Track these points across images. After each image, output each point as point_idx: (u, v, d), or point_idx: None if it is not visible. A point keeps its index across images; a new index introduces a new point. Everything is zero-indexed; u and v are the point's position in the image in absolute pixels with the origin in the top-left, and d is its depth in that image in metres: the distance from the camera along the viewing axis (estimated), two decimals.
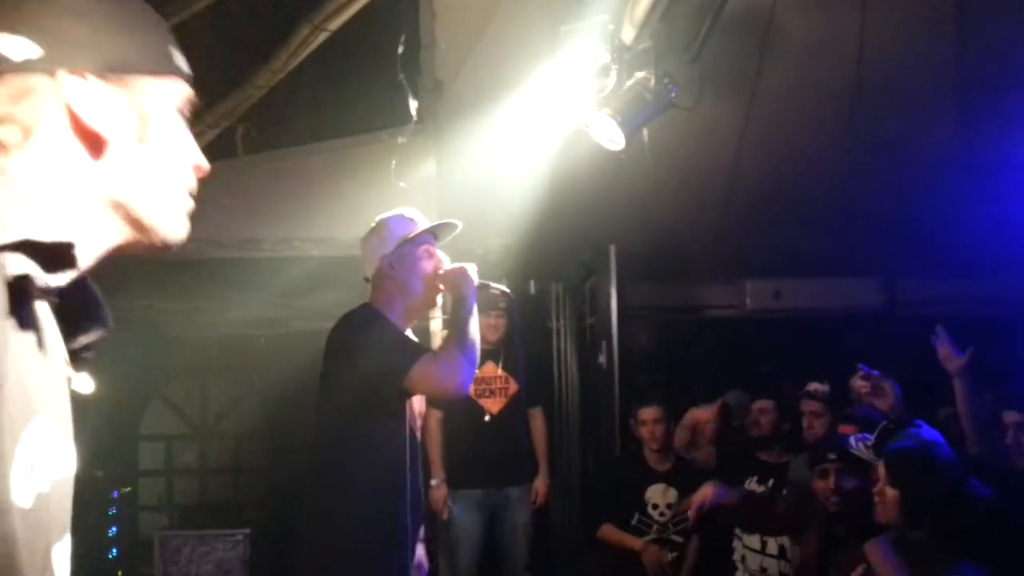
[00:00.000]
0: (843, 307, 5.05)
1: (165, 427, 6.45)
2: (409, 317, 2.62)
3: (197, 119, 1.02)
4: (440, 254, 2.63)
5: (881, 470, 2.75)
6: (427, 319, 3.37)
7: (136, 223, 0.97)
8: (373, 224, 2.70)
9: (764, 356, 5.03)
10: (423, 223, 2.66)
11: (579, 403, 5.36)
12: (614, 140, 3.15)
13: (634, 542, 4.40)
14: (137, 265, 4.54)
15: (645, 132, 3.19)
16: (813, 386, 4.05)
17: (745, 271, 4.98)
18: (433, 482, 4.55)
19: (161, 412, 6.46)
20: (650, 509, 4.49)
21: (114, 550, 5.77)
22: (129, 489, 6.10)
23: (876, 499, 2.73)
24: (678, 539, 4.45)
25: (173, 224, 0.99)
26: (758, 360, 5.01)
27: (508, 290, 2.82)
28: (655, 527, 4.47)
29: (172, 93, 0.99)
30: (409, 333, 2.65)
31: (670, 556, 4.41)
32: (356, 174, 4.25)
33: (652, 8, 2.79)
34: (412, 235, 2.61)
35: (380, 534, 2.47)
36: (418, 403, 2.67)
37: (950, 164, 3.91)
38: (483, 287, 2.62)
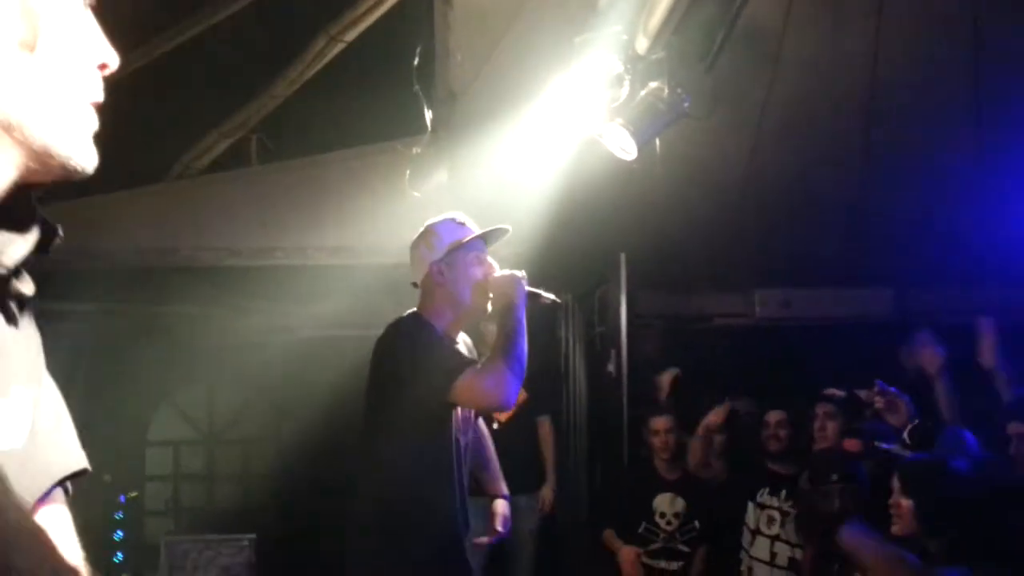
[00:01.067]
0: (854, 316, 5.06)
1: (173, 433, 6.48)
2: (458, 324, 2.60)
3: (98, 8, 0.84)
4: (490, 260, 2.60)
5: (895, 482, 2.76)
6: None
7: (28, 148, 0.79)
8: (422, 229, 2.66)
9: (774, 365, 5.04)
10: (473, 228, 2.62)
11: (587, 412, 5.37)
12: (626, 150, 3.18)
13: (616, 545, 4.41)
14: (150, 273, 4.58)
15: (657, 142, 3.22)
16: (830, 391, 4.07)
17: (755, 280, 5.00)
18: None
19: (170, 418, 6.48)
20: (657, 518, 4.50)
21: (120, 554, 5.78)
22: (136, 494, 6.11)
23: (892, 511, 2.73)
24: (684, 548, 4.45)
25: (74, 147, 0.82)
26: (768, 369, 5.02)
27: (558, 299, 2.75)
28: (662, 536, 4.48)
29: None
30: (462, 335, 2.64)
31: (675, 566, 4.42)
32: (370, 184, 4.29)
33: (666, 19, 2.82)
34: (462, 241, 2.57)
35: (428, 542, 2.46)
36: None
37: (964, 174, 3.93)
38: (533, 295, 2.59)
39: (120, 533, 5.82)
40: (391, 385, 2.44)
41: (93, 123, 0.84)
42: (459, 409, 2.51)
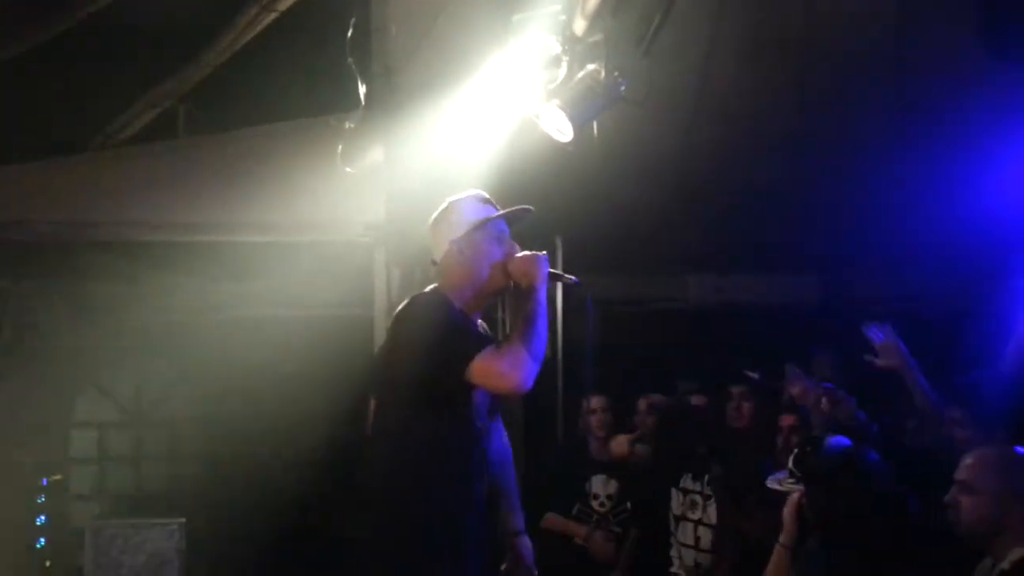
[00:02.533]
0: (783, 302, 5.17)
1: (99, 414, 6.30)
2: (477, 303, 2.55)
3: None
4: (511, 241, 2.54)
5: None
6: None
7: None
8: (444, 205, 2.60)
9: (706, 349, 5.12)
10: (495, 207, 2.57)
11: (523, 395, 5.38)
12: (563, 132, 3.17)
13: (579, 530, 4.45)
14: (74, 248, 4.42)
15: (594, 125, 3.21)
16: (747, 373, 4.15)
17: (689, 265, 5.06)
18: None
19: (94, 398, 6.30)
20: (591, 499, 4.54)
21: (42, 539, 5.61)
22: (60, 477, 5.93)
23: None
24: (617, 529, 4.51)
25: None
26: (699, 354, 5.10)
27: (579, 280, 2.69)
28: (595, 517, 4.52)
29: None
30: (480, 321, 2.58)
31: (608, 547, 4.47)
32: (302, 159, 4.18)
33: (603, 1, 2.81)
34: (483, 220, 2.52)
35: (444, 526, 2.41)
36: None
37: (892, 161, 4.02)
38: (555, 277, 2.55)
39: (43, 518, 5.64)
40: (407, 361, 2.38)
41: None
42: (478, 394, 2.45)
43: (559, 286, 4.61)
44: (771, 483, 2.91)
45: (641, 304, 5.20)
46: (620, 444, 4.53)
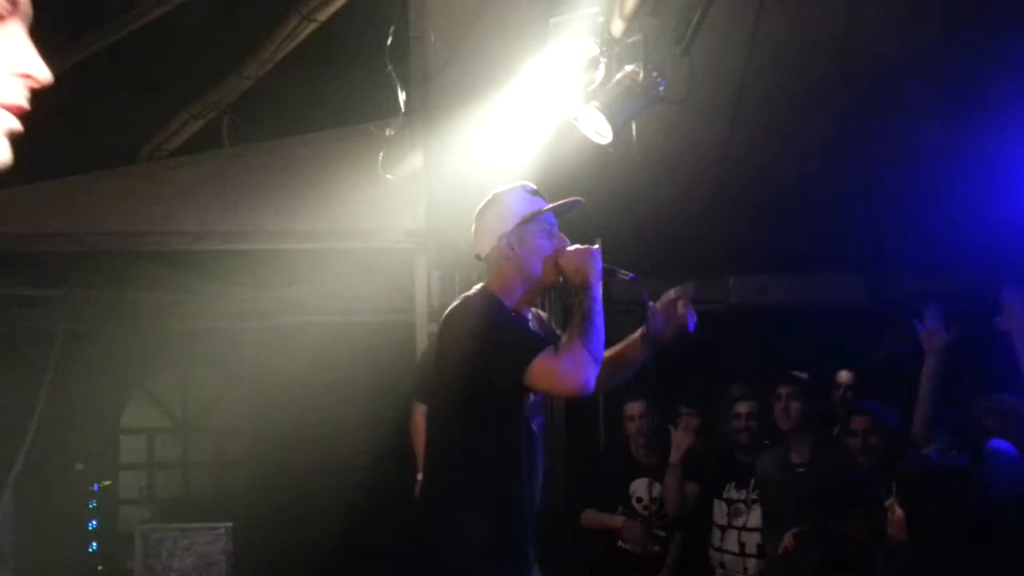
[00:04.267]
0: (827, 302, 5.09)
1: (147, 421, 6.41)
2: (528, 300, 2.45)
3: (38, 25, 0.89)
4: (562, 235, 2.44)
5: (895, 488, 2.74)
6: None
7: None
8: (489, 197, 2.48)
9: (747, 351, 5.06)
10: (543, 199, 2.46)
11: (564, 399, 5.37)
12: (602, 134, 3.16)
13: (614, 521, 4.41)
14: (123, 257, 4.51)
15: (633, 126, 3.20)
16: (795, 373, 4.10)
17: (730, 266, 5.01)
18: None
19: (143, 405, 6.42)
20: (634, 502, 4.51)
21: (94, 543, 5.73)
22: (110, 483, 6.05)
23: (888, 515, 2.71)
24: (661, 533, 4.47)
25: None
26: (741, 355, 5.04)
27: (635, 276, 2.54)
28: (639, 520, 4.49)
29: None
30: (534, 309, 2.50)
31: (653, 550, 4.44)
32: (343, 166, 4.24)
33: (642, 1, 2.80)
34: (534, 213, 2.41)
35: (495, 529, 2.35)
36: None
37: (939, 162, 3.95)
38: (610, 272, 2.43)
39: (94, 522, 5.77)
40: (461, 366, 2.31)
41: (8, 123, 0.87)
42: (528, 396, 2.38)
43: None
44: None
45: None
46: (671, 495, 4.40)
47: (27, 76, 0.87)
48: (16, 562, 5.09)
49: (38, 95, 0.92)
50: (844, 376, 4.45)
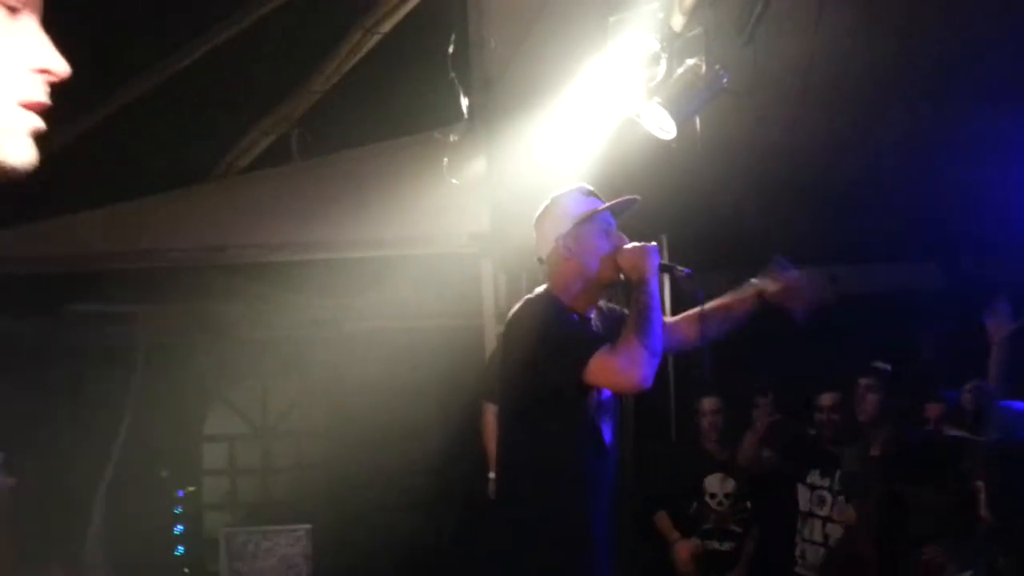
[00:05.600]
0: (901, 291, 4.98)
1: (228, 428, 6.60)
2: (589, 299, 2.49)
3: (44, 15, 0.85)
4: (619, 233, 2.48)
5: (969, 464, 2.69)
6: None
7: None
8: (547, 202, 2.55)
9: (821, 343, 4.97)
10: (599, 200, 2.51)
11: (633, 395, 5.36)
12: (665, 129, 3.16)
13: (671, 535, 4.38)
14: (198, 272, 4.68)
15: (697, 120, 3.18)
16: (876, 363, 4.03)
17: (800, 257, 4.92)
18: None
19: (224, 413, 6.61)
20: (708, 498, 4.48)
21: (180, 547, 5.92)
22: (194, 488, 6.25)
23: (978, 496, 2.66)
24: (736, 529, 4.43)
25: (9, 145, 0.83)
26: (816, 347, 4.96)
27: (691, 271, 2.56)
28: (713, 516, 4.46)
29: None
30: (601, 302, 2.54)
31: (727, 546, 4.40)
32: (409, 174, 4.32)
33: None
34: (589, 213, 2.46)
35: (562, 533, 2.38)
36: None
37: (1011, 145, 3.83)
38: (667, 268, 2.48)
39: (180, 527, 5.95)
40: (523, 368, 2.36)
41: (30, 122, 0.85)
42: (599, 394, 2.42)
43: (667, 282, 4.59)
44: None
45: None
46: (746, 452, 4.43)
47: (45, 71, 0.84)
48: (109, 565, 5.31)
49: (120, 117, 0.95)
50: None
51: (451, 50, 3.55)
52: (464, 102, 3.75)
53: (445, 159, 3.94)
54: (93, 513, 5.32)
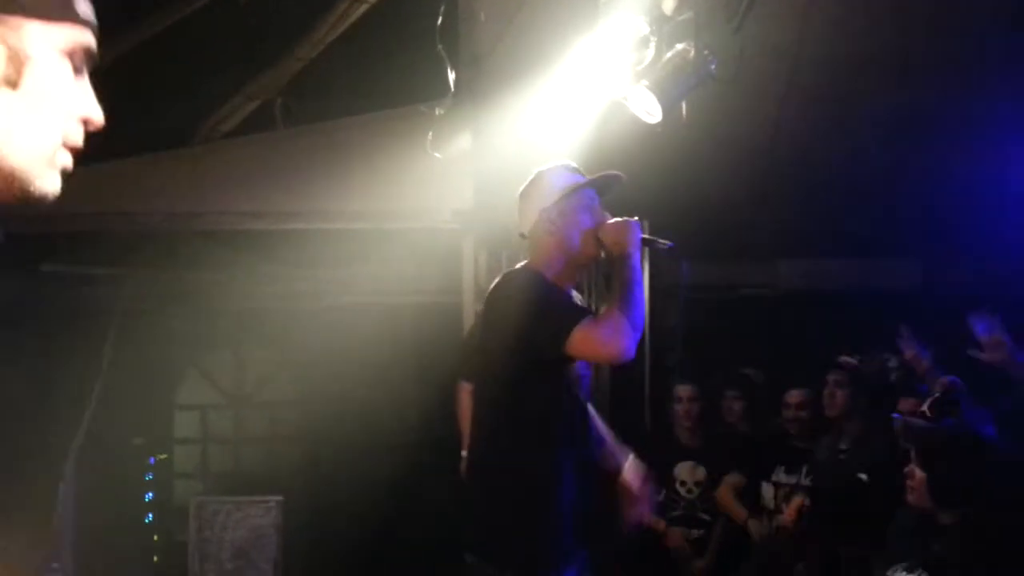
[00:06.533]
0: (878, 288, 4.99)
1: (201, 397, 6.57)
2: (570, 274, 2.51)
3: (96, 68, 1.00)
4: (601, 209, 2.50)
5: (912, 452, 2.73)
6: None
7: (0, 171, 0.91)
8: (531, 177, 2.56)
9: (797, 337, 5.00)
10: (583, 176, 2.53)
11: (609, 380, 5.37)
12: (652, 113, 3.14)
13: (656, 523, 4.42)
14: (175, 237, 4.62)
15: (684, 106, 3.17)
16: (843, 359, 4.05)
17: (780, 250, 4.94)
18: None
19: (197, 382, 6.57)
20: (678, 486, 4.51)
21: (150, 515, 5.90)
22: (165, 456, 6.22)
23: (907, 482, 2.71)
24: (705, 517, 4.46)
25: (41, 177, 0.94)
26: (791, 341, 4.99)
27: (673, 244, 2.60)
28: (683, 504, 4.48)
29: (62, 37, 0.93)
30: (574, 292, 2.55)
31: (696, 534, 4.43)
32: (393, 147, 4.27)
33: None
34: (573, 187, 2.48)
35: (542, 506, 2.39)
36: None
37: (997, 144, 3.83)
38: (649, 242, 2.49)
39: (150, 494, 5.94)
40: (504, 340, 2.37)
41: (65, 161, 0.96)
42: (573, 368, 2.43)
43: (646, 272, 4.59)
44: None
45: (731, 290, 5.10)
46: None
47: (88, 121, 0.98)
48: (77, 531, 5.28)
49: (97, 78, 1.02)
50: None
51: (440, 23, 3.51)
52: (451, 76, 3.71)
53: (429, 133, 3.90)
54: (63, 477, 5.28)
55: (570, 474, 2.43)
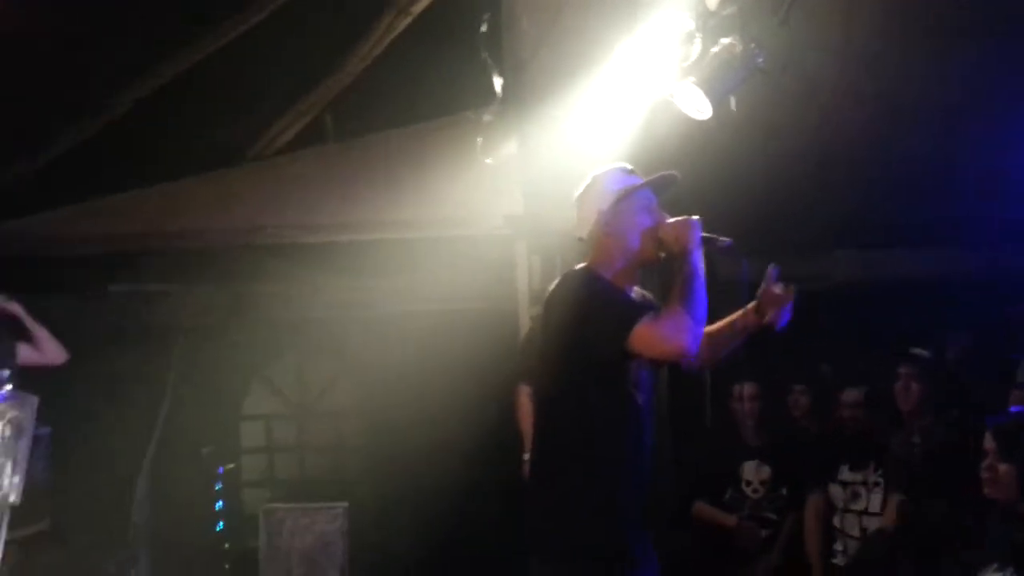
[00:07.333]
0: (938, 277, 4.84)
1: (265, 407, 6.70)
2: (629, 275, 2.50)
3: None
4: (660, 209, 2.49)
5: (990, 444, 2.64)
6: None
7: None
8: (588, 180, 2.57)
9: (854, 329, 4.88)
10: (639, 178, 2.53)
11: (667, 379, 5.32)
12: (700, 109, 3.11)
13: (728, 519, 4.37)
14: (238, 252, 4.73)
15: (732, 100, 3.12)
16: (916, 350, 3.94)
17: (835, 242, 4.83)
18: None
19: (261, 393, 6.70)
20: (743, 485, 4.45)
21: (221, 523, 6.04)
22: (233, 466, 6.36)
23: (986, 475, 2.62)
24: (772, 516, 4.40)
25: None
26: (849, 334, 4.88)
27: (732, 242, 2.57)
28: (748, 503, 4.42)
29: None
30: (637, 288, 2.54)
31: (763, 533, 4.37)
32: (443, 155, 4.31)
33: None
34: (629, 189, 2.48)
35: (605, 505, 2.38)
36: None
37: None
38: (709, 240, 2.48)
39: (220, 503, 6.07)
40: (565, 339, 2.36)
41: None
42: (640, 369, 2.42)
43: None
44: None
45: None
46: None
47: None
48: (151, 538, 5.44)
49: (157, 101, 1.00)
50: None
51: (483, 30, 3.52)
52: (497, 82, 3.72)
53: (479, 139, 3.92)
54: (137, 491, 5.45)
55: (632, 472, 2.43)
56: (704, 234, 2.43)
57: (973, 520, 2.93)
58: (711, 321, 2.50)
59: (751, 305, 2.60)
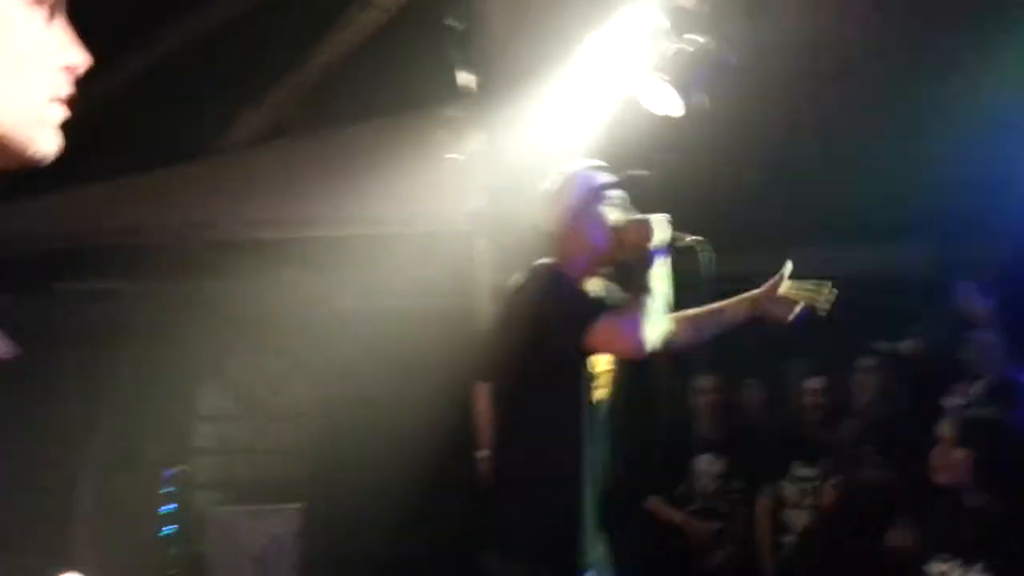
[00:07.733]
0: (896, 273, 4.97)
1: (217, 407, 6.55)
2: (592, 272, 2.51)
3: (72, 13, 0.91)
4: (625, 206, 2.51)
5: (947, 431, 2.72)
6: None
7: None
8: (555, 176, 2.58)
9: (814, 324, 4.98)
10: (608, 174, 2.55)
11: (626, 374, 5.36)
12: (670, 106, 3.13)
13: (675, 516, 4.41)
14: (194, 248, 4.62)
15: (705, 97, 3.16)
16: (878, 344, 4.04)
17: (793, 238, 4.92)
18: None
19: (213, 392, 6.55)
20: (696, 479, 4.50)
21: (170, 526, 5.89)
22: (184, 467, 6.20)
23: (937, 462, 2.70)
24: (724, 509, 4.46)
25: (35, 139, 0.88)
26: (808, 329, 4.96)
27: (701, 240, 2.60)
28: (699, 497, 4.48)
29: None
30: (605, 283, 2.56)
31: (715, 526, 4.42)
32: (406, 151, 4.26)
33: None
34: (596, 187, 2.49)
35: (562, 501, 2.40)
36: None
37: (1009, 125, 3.82)
38: (674, 239, 2.50)
39: (169, 506, 5.92)
40: (524, 336, 2.38)
41: (57, 114, 0.90)
42: (591, 365, 2.43)
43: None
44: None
45: (748, 280, 5.08)
46: None
47: (72, 67, 0.91)
48: (94, 544, 5.28)
49: (110, 95, 1.00)
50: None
51: (451, 26, 3.50)
52: (463, 78, 3.70)
53: (443, 135, 3.89)
54: (82, 491, 5.28)
55: (590, 470, 2.44)
56: (669, 232, 2.47)
57: (919, 503, 3.01)
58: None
59: (746, 296, 2.62)
